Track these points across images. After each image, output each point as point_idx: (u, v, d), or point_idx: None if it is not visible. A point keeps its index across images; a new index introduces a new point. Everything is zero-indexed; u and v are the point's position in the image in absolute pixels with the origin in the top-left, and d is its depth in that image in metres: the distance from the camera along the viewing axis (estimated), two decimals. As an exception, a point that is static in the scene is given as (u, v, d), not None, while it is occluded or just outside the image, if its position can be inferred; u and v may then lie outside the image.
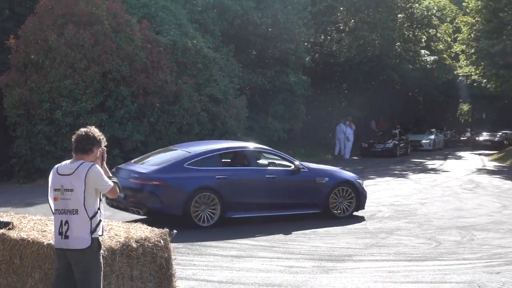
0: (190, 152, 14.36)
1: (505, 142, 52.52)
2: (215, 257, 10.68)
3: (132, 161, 15.36)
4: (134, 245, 6.69)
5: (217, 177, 13.87)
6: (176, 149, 15.25)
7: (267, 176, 14.64)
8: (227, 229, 13.43)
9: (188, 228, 12.92)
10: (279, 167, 15.26)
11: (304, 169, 15.10)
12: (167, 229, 7.22)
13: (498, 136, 54.93)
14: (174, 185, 13.47)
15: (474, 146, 54.02)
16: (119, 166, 14.82)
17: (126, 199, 13.36)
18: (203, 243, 11.82)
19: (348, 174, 16.25)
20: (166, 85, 25.59)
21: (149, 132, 25.39)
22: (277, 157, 15.60)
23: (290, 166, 15.14)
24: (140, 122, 25.15)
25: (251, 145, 15.89)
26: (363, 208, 15.54)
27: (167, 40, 26.82)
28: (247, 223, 14.22)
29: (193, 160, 13.97)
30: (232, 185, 13.97)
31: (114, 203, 13.69)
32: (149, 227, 7.24)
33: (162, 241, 7.01)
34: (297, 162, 15.26)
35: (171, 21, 28.24)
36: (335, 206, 15.18)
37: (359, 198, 15.47)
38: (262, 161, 15.62)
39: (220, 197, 13.68)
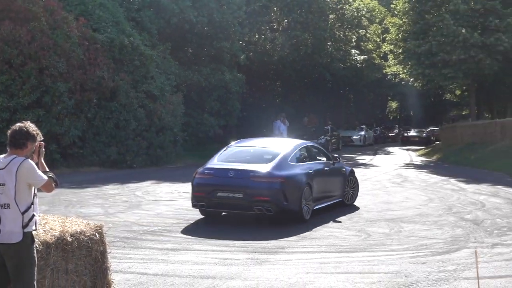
0: (281, 150, 14.40)
1: (432, 138, 54.50)
2: (150, 250, 10.71)
3: (215, 161, 14.41)
4: (69, 238, 6.60)
5: (309, 171, 14.32)
6: (252, 147, 15.32)
7: (325, 168, 15.54)
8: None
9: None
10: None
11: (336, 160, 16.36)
12: (103, 223, 7.26)
13: (426, 132, 57.11)
14: (292, 182, 13.59)
15: (403, 141, 56.13)
16: (210, 166, 14.04)
17: (249, 198, 13.16)
18: (138, 236, 11.93)
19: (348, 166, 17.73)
20: (103, 81, 25.75)
21: (86, 128, 25.53)
22: (316, 150, 16.43)
23: (325, 159, 16.20)
24: (78, 118, 25.24)
25: (307, 142, 17.19)
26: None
27: (104, 38, 26.96)
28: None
29: (291, 157, 14.18)
30: (316, 179, 14.47)
31: (223, 203, 13.50)
32: (85, 221, 7.20)
33: (97, 235, 6.98)
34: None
35: (108, 19, 28.37)
36: (345, 195, 16.42)
37: (358, 188, 17.16)
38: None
39: (311, 191, 14.13)
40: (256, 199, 13.14)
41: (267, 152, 14.53)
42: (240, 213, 13.97)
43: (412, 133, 59.05)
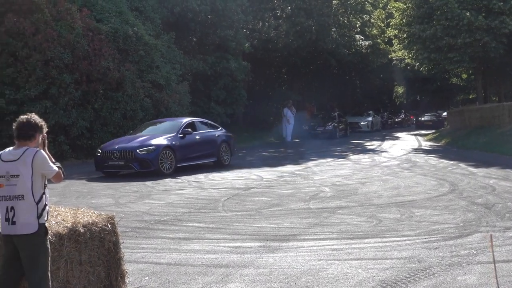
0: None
1: (445, 122, 54.69)
2: (162, 240, 10.69)
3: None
4: (81, 230, 6.60)
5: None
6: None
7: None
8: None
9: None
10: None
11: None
12: (114, 214, 7.24)
13: (440, 117, 57.74)
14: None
15: (417, 126, 56.88)
16: None
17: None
18: (150, 226, 11.94)
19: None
20: (109, 72, 25.75)
21: (94, 118, 25.56)
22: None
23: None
24: (85, 109, 25.29)
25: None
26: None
27: (108, 28, 26.95)
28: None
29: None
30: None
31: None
32: (96, 212, 7.21)
33: (109, 225, 6.96)
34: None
35: (112, 9, 28.35)
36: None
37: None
38: None
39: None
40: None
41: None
42: (251, 200, 14.09)
43: (426, 117, 59.88)
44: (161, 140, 20.60)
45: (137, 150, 19.99)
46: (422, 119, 59.98)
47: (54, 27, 24.78)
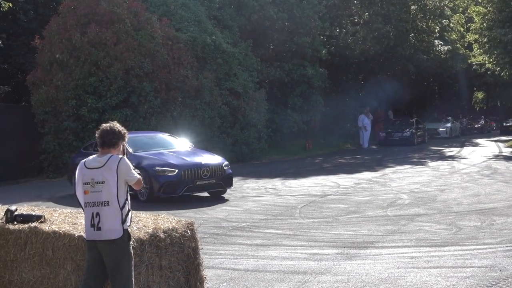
0: None
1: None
2: (240, 246, 10.82)
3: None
4: (162, 235, 6.72)
5: None
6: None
7: None
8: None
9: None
10: None
11: None
12: (193, 220, 7.33)
13: None
14: None
15: (502, 131, 56.47)
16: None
17: None
18: (227, 232, 12.08)
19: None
20: (187, 80, 26.10)
21: (172, 126, 25.94)
22: None
23: None
24: (164, 117, 25.70)
25: None
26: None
27: (187, 37, 27.35)
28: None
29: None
30: None
31: None
32: (176, 218, 7.32)
33: (189, 231, 7.08)
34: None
35: (190, 18, 28.77)
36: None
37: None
38: None
39: None
40: None
41: None
42: (328, 207, 13.88)
43: (511, 123, 59.41)
44: (215, 157, 17.71)
45: (223, 166, 17.08)
46: (508, 124, 59.44)
47: (135, 37, 25.30)
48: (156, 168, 16.12)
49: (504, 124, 60.55)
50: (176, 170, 16.01)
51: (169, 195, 16.02)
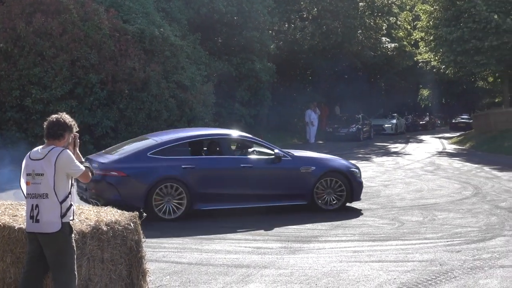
0: (156, 141, 13.48)
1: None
2: (184, 239, 10.82)
3: (103, 151, 14.59)
4: (104, 228, 6.66)
5: (183, 166, 12.98)
6: (147, 138, 14.31)
7: (242, 165, 13.62)
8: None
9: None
10: (259, 156, 14.34)
11: (286, 157, 13.97)
12: (137, 212, 7.28)
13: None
14: (135, 176, 12.65)
15: (451, 128, 59.01)
16: (89, 156, 13.69)
17: (87, 191, 12.62)
18: (172, 225, 12.09)
19: (340, 163, 14.97)
20: (135, 72, 25.88)
21: (118, 119, 25.72)
22: (258, 145, 14.66)
23: (271, 155, 14.05)
24: (110, 109, 25.44)
25: (230, 133, 15.03)
26: (358, 199, 14.54)
27: (135, 29, 27.08)
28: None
29: (158, 149, 13.07)
30: (201, 175, 13.09)
31: (79, 194, 12.84)
32: (119, 211, 7.28)
33: (132, 224, 7.03)
34: (277, 150, 14.02)
35: (138, 10, 28.48)
36: (321, 197, 14.05)
37: (353, 189, 14.27)
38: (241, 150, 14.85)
39: (187, 188, 12.82)
40: (91, 192, 12.55)
41: (144, 144, 13.69)
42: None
43: (460, 119, 60.85)
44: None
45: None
46: (456, 120, 61.03)
47: (81, 28, 24.98)
48: (352, 169, 14.65)
49: (454, 120, 62.16)
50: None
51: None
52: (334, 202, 14.09)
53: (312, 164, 14.24)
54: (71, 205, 6.10)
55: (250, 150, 14.69)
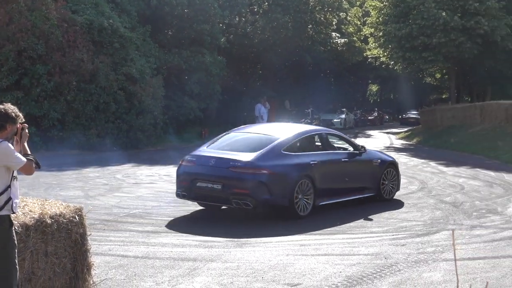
0: (280, 137, 12.91)
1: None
2: (131, 233, 10.70)
3: (205, 147, 13.28)
4: (48, 221, 6.54)
5: (311, 162, 12.77)
6: (250, 133, 13.77)
7: (343, 159, 13.80)
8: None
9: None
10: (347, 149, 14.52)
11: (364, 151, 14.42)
12: (82, 205, 7.15)
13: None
14: (281, 174, 12.17)
15: (402, 123, 60.71)
16: (195, 153, 12.84)
17: (228, 190, 11.86)
18: (119, 219, 11.88)
19: (389, 156, 15.91)
20: (83, 63, 25.60)
21: (66, 110, 25.39)
22: (339, 139, 14.93)
23: (351, 149, 14.38)
24: (57, 101, 25.11)
25: (322, 129, 15.45)
26: (399, 189, 15.10)
27: (83, 20, 26.76)
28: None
29: (287, 146, 12.70)
30: (322, 171, 12.94)
31: (202, 195, 12.26)
32: (64, 204, 7.14)
33: (77, 217, 6.90)
34: (357, 143, 14.73)
35: (87, 1, 28.13)
36: (383, 188, 14.49)
37: (399, 180, 15.18)
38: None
39: (313, 184, 12.59)
40: (235, 191, 11.86)
41: (263, 139, 13.00)
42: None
43: (410, 114, 62.46)
44: None
45: None
46: (407, 116, 62.61)
47: (29, 17, 24.58)
48: (396, 162, 15.71)
49: (404, 116, 63.83)
50: None
51: None
52: (391, 192, 14.78)
53: (377, 157, 14.95)
54: (10, 198, 5.84)
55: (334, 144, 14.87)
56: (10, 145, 5.90)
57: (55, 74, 24.93)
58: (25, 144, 6.14)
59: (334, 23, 52.53)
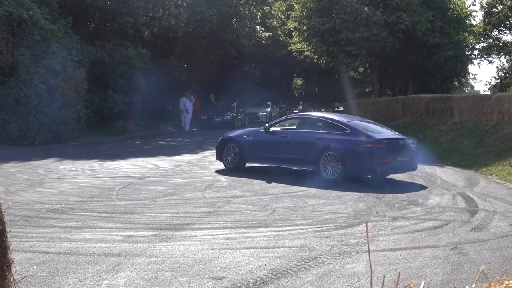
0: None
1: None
2: (53, 229, 10.49)
3: (370, 133, 16.98)
4: (-37, 217, 6.49)
5: None
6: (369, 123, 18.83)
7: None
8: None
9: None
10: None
11: None
12: (1, 201, 6.70)
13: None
14: None
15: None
16: (384, 138, 16.85)
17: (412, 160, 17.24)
18: (40, 214, 11.71)
19: None
20: (2, 56, 24.99)
21: (-16, 104, 24.78)
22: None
23: None
24: (-25, 94, 24.47)
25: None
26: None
27: (2, 11, 26.09)
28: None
29: None
30: None
31: (400, 166, 16.93)
32: (-17, 199, 7.07)
33: (-5, 213, 6.94)
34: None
35: (6, -9, 27.47)
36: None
37: None
38: None
39: None
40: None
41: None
42: (146, 189, 13.85)
43: (335, 108, 64.36)
44: None
45: None
46: (339, 108, 63.58)
47: None
48: None
49: (336, 109, 64.76)
50: None
51: None
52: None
53: None
54: None
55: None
56: None
57: (-27, 67, 24.28)
58: None
59: (258, 16, 52.73)
